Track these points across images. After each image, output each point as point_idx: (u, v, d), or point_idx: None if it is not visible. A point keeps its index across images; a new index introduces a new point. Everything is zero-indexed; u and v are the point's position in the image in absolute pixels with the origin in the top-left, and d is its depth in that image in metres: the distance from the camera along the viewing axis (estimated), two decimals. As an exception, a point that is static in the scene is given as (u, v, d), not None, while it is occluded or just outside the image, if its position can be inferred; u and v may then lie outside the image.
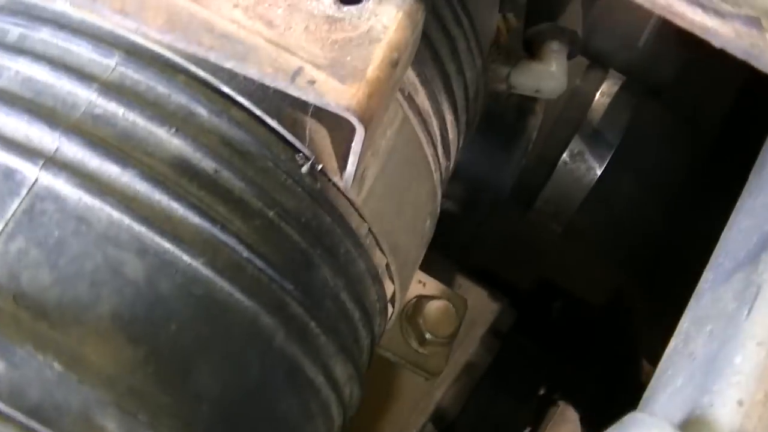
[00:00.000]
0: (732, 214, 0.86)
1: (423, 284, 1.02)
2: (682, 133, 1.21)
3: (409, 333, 0.99)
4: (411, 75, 0.85)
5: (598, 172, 1.17)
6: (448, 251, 1.33)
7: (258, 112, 0.73)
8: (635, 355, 1.25)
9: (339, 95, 0.68)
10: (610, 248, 1.24)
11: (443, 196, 1.18)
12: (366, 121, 0.68)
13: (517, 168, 1.15)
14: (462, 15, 0.91)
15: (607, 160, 1.17)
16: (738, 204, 0.87)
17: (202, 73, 0.72)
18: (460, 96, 0.93)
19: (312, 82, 0.68)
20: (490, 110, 1.14)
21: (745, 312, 0.70)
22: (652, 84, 1.28)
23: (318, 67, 0.69)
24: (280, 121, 0.73)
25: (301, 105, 0.74)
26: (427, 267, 1.07)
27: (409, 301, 1.01)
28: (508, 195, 1.17)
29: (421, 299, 1.00)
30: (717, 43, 0.57)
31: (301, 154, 0.74)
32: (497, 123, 1.14)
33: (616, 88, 1.19)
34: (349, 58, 0.70)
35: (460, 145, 0.98)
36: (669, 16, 0.58)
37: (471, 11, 0.92)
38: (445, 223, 1.29)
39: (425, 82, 0.86)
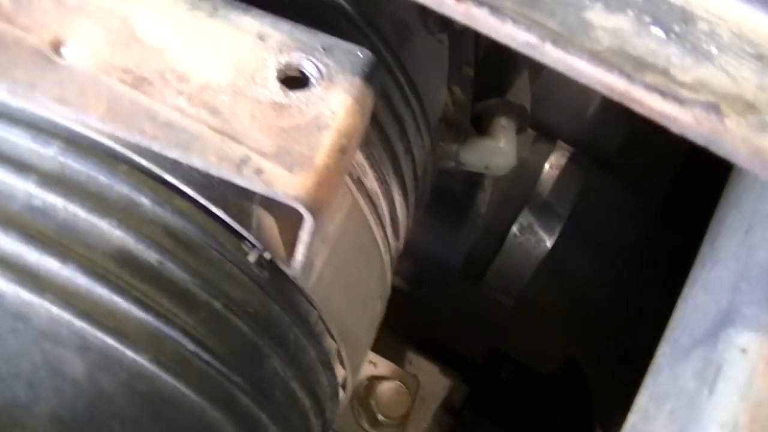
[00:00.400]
0: (685, 287, 0.85)
1: (374, 364, 1.00)
2: (632, 203, 1.21)
3: (361, 415, 0.97)
4: (360, 157, 0.84)
5: (549, 245, 1.17)
6: (397, 326, 1.31)
7: (202, 201, 0.71)
8: (589, 425, 1.24)
9: (287, 185, 0.66)
10: (562, 319, 1.23)
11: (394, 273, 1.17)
12: (315, 211, 0.67)
13: (466, 244, 1.15)
14: (410, 95, 0.90)
15: (558, 233, 1.16)
16: (691, 277, 0.86)
17: (144, 163, 0.70)
18: (408, 176, 0.92)
19: (259, 172, 0.67)
20: (438, 186, 1.13)
21: (706, 392, 0.69)
22: (599, 154, 1.29)
23: (265, 155, 0.68)
24: (226, 210, 0.72)
25: (248, 193, 0.72)
26: (376, 344, 1.06)
27: (360, 383, 0.99)
28: (458, 270, 1.16)
29: (373, 380, 0.98)
30: (676, 129, 0.56)
31: (247, 243, 0.73)
32: (445, 199, 1.13)
33: (564, 160, 1.19)
34: (296, 146, 0.68)
35: (409, 225, 0.97)
36: (628, 103, 0.57)
37: (420, 90, 0.91)
38: (394, 300, 1.28)
39: (374, 165, 0.85)
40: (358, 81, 0.72)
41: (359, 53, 0.73)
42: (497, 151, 1.00)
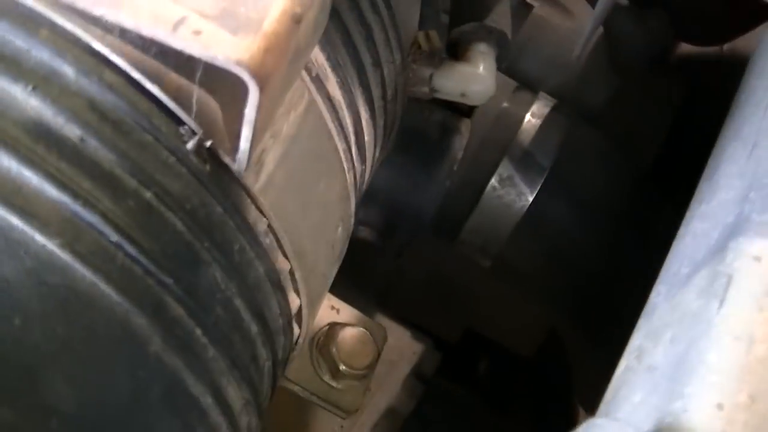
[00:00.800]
0: (683, 224, 0.77)
1: (336, 311, 0.91)
2: (619, 157, 1.13)
3: (320, 364, 0.87)
4: (320, 57, 0.76)
5: (530, 198, 1.08)
6: (367, 288, 1.23)
7: (135, 75, 0.62)
8: (569, 401, 1.15)
9: (229, 47, 0.58)
10: (540, 285, 1.14)
11: (360, 222, 1.08)
12: (261, 79, 0.58)
13: (440, 190, 1.06)
14: (380, 5, 0.82)
15: (539, 185, 1.08)
16: (688, 213, 0.78)
17: (69, 27, 0.61)
18: (377, 93, 0.83)
19: (197, 33, 0.58)
20: (411, 128, 1.05)
21: (716, 306, 0.60)
22: (585, 111, 1.21)
23: (205, 16, 0.59)
24: (162, 87, 0.62)
25: (188, 70, 0.63)
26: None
27: (320, 329, 0.89)
28: (431, 223, 1.07)
29: (335, 327, 0.88)
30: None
31: (186, 128, 0.63)
32: (419, 141, 1.05)
33: (546, 110, 1.11)
34: (242, 9, 0.60)
35: (377, 154, 0.88)
36: None
37: (390, 1, 0.83)
38: (362, 254, 1.18)
39: (337, 68, 0.77)
40: (318, -52, 0.63)
41: None
42: (475, 76, 0.92)
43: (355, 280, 1.22)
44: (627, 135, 1.17)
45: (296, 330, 0.79)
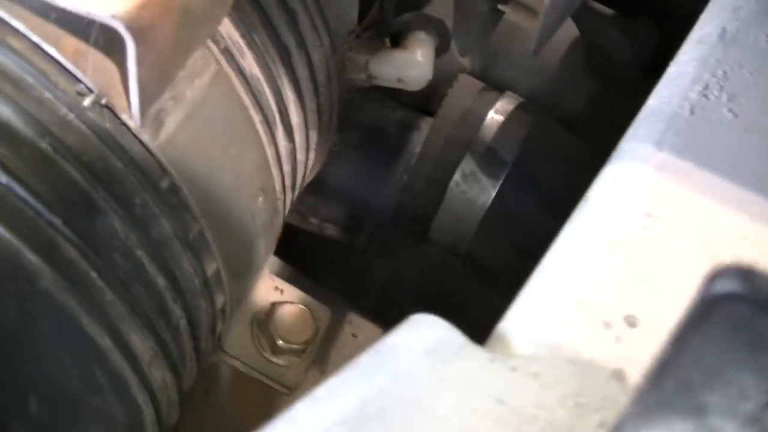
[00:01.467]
0: None
1: (281, 291, 0.95)
2: (586, 152, 1.15)
3: (261, 341, 0.92)
4: (234, 34, 0.82)
5: (493, 193, 1.11)
6: (336, 286, 1.27)
7: (34, 38, 0.69)
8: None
9: (106, 3, 0.64)
10: (512, 280, 1.16)
11: (325, 219, 1.13)
12: (136, 33, 0.65)
13: (398, 184, 1.10)
14: (303, -12, 0.88)
15: (502, 180, 1.11)
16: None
17: (-25, -4, 0.69)
18: (303, 75, 0.89)
19: (77, -9, 0.65)
20: (371, 125, 1.11)
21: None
22: (564, 114, 1.24)
23: (89, -22, 0.66)
24: (59, 49, 0.69)
25: (85, 34, 0.70)
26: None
27: (262, 308, 0.94)
28: (390, 218, 1.11)
29: (276, 305, 0.93)
30: None
31: (82, 86, 0.70)
32: (377, 138, 1.10)
33: (511, 107, 1.14)
34: (123, -30, 0.66)
35: (314, 137, 0.93)
36: None
37: (317, -13, 0.89)
38: (329, 252, 1.23)
39: (253, 45, 0.83)
40: None
41: None
42: (411, 62, 0.97)
43: (324, 277, 1.27)
44: (606, 142, 1.19)
45: (221, 298, 0.84)
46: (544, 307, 0.58)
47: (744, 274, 0.38)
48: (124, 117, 0.72)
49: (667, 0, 1.53)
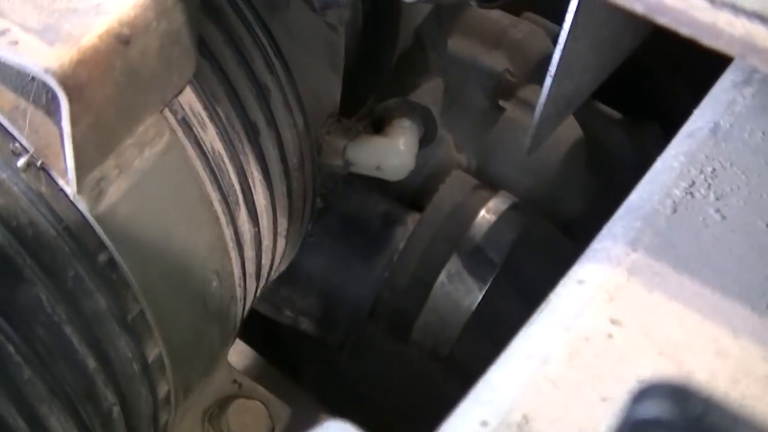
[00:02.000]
0: None
1: (239, 385, 0.89)
2: (577, 255, 1.09)
3: (210, 434, 0.85)
4: (196, 105, 0.78)
5: (479, 295, 1.05)
6: (312, 382, 1.20)
7: (-30, 90, 0.65)
8: None
9: (40, 56, 0.61)
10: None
11: (300, 312, 1.07)
12: (70, 89, 0.61)
13: (378, 281, 1.04)
14: (277, 64, 0.85)
15: (489, 282, 1.05)
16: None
17: None
18: (272, 155, 0.84)
19: (14, 43, 0.61)
20: (353, 216, 1.05)
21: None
22: (560, 220, 1.18)
23: (27, 30, 0.63)
24: (-5, 104, 0.65)
25: (24, 90, 0.66)
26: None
27: (216, 401, 0.87)
28: (367, 315, 1.05)
29: (229, 398, 0.86)
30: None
31: (17, 145, 0.66)
32: (359, 230, 1.05)
33: (504, 207, 1.09)
34: (66, 26, 0.63)
35: (283, 222, 0.88)
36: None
37: (293, 66, 0.85)
38: (304, 347, 1.17)
39: (216, 119, 0.79)
40: (159, -20, 0.66)
41: (170, -43, 0.68)
42: (392, 150, 0.92)
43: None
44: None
45: (163, 386, 0.78)
46: (482, 421, 0.52)
47: (675, 393, 0.31)
48: (62, 182, 0.67)
49: (673, 103, 1.49)
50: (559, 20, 1.34)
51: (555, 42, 1.27)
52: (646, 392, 0.32)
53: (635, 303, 0.57)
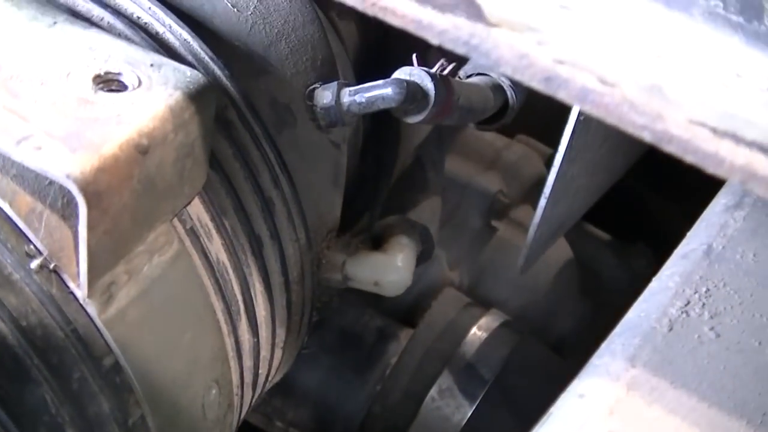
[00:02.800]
0: None
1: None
2: (568, 373, 1.11)
3: None
4: (204, 216, 0.80)
5: (468, 411, 1.06)
6: None
7: (-13, 191, 0.67)
8: None
9: (62, 162, 0.63)
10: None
11: (291, 424, 1.07)
12: (90, 195, 0.63)
13: (370, 395, 1.05)
14: (282, 178, 0.87)
15: (479, 398, 1.06)
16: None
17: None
18: (274, 267, 0.86)
19: (38, 148, 0.64)
20: (348, 331, 1.07)
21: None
22: (553, 336, 1.20)
23: (51, 136, 0.65)
24: (13, 206, 0.67)
25: (42, 194, 0.68)
26: None
27: None
28: (358, 428, 1.06)
29: None
30: (433, 38, 0.51)
31: (32, 247, 0.67)
32: (354, 345, 1.06)
33: (495, 324, 1.11)
34: (88, 134, 0.66)
35: (282, 335, 0.90)
36: (380, 14, 0.53)
37: (298, 182, 0.88)
38: None
39: (222, 230, 0.81)
40: (178, 94, 0.70)
41: (187, 72, 0.72)
42: (390, 267, 0.94)
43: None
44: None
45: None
46: None
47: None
48: (72, 285, 0.69)
49: (663, 226, 1.53)
50: (551, 143, 1.40)
51: (548, 164, 1.32)
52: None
53: (635, 416, 0.59)
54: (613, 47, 0.54)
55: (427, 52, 0.93)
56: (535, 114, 1.23)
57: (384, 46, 1.10)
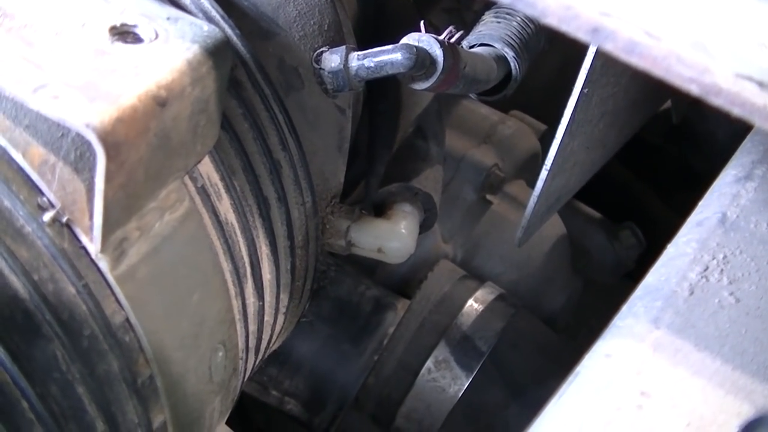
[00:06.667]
0: None
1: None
2: (561, 347, 1.10)
3: None
4: (214, 175, 0.79)
5: (465, 383, 1.05)
6: None
7: (1, 140, 0.65)
8: None
9: (81, 112, 0.61)
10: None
11: (286, 393, 1.06)
12: (109, 145, 0.61)
13: (367, 365, 1.04)
14: (291, 143, 0.86)
15: (475, 370, 1.05)
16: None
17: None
18: (281, 231, 0.85)
19: (55, 97, 0.62)
20: (344, 300, 1.06)
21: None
22: (545, 311, 1.20)
23: (68, 85, 0.63)
24: (26, 157, 0.65)
25: (56, 147, 0.66)
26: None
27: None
28: (353, 398, 1.04)
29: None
30: None
31: (45, 200, 0.65)
32: (350, 314, 1.05)
33: (491, 297, 1.10)
34: (106, 85, 0.64)
35: (285, 300, 0.88)
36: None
37: (305, 144, 0.86)
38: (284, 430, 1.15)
39: (231, 191, 0.80)
40: (196, 47, 0.68)
41: (204, 26, 0.70)
42: (393, 233, 0.93)
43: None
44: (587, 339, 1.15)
45: (165, 454, 0.76)
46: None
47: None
48: (84, 240, 0.67)
49: (652, 207, 1.53)
50: (544, 119, 1.39)
51: (542, 140, 1.32)
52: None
53: (661, 377, 0.58)
54: (656, 3, 0.53)
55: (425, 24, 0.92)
56: (526, 92, 1.23)
57: (381, 18, 1.09)
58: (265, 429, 1.23)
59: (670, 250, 0.70)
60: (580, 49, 0.82)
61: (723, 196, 0.75)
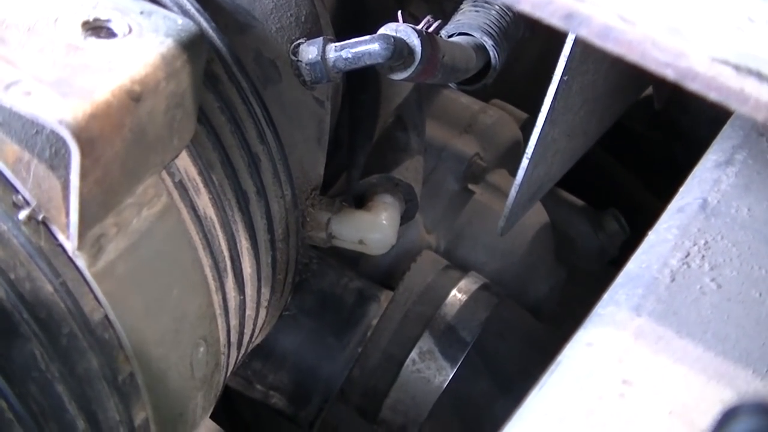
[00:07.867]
0: None
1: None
2: (545, 336, 1.10)
3: None
4: (192, 170, 0.78)
5: (450, 374, 1.05)
6: None
7: (-27, 140, 0.64)
8: None
9: (54, 108, 0.60)
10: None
11: (271, 387, 1.05)
12: (83, 142, 0.60)
13: (351, 357, 1.03)
14: (269, 136, 0.85)
15: (460, 360, 1.05)
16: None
17: None
18: (260, 225, 0.84)
19: (27, 94, 0.61)
20: (327, 292, 1.05)
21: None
22: (529, 301, 1.20)
23: (40, 81, 0.62)
24: (1, 156, 0.64)
25: (29, 143, 0.65)
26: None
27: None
28: (338, 391, 1.04)
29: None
30: None
31: (20, 197, 0.65)
32: (333, 306, 1.04)
33: (474, 287, 1.10)
34: (79, 80, 0.63)
35: (266, 293, 0.88)
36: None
37: (283, 138, 0.86)
38: (272, 424, 1.15)
39: (210, 185, 0.79)
40: (170, 41, 0.67)
41: (179, 20, 0.69)
42: (374, 225, 0.92)
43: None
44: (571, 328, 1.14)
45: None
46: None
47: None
48: (61, 237, 0.66)
49: (636, 193, 1.53)
50: (526, 108, 1.39)
51: (523, 129, 1.31)
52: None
53: (643, 365, 0.58)
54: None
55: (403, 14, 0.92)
56: (507, 81, 1.22)
57: (360, 9, 1.08)
58: (253, 423, 1.23)
59: (651, 236, 0.69)
60: (561, 37, 0.82)
61: (704, 181, 0.74)
